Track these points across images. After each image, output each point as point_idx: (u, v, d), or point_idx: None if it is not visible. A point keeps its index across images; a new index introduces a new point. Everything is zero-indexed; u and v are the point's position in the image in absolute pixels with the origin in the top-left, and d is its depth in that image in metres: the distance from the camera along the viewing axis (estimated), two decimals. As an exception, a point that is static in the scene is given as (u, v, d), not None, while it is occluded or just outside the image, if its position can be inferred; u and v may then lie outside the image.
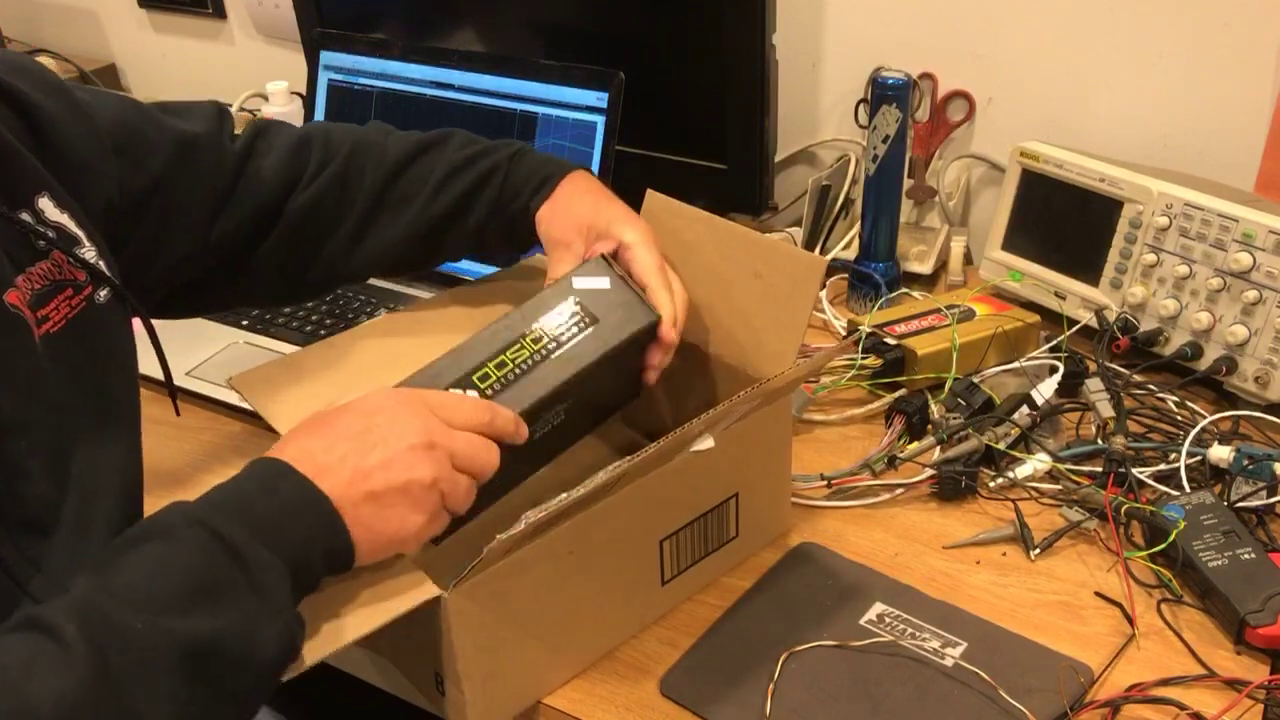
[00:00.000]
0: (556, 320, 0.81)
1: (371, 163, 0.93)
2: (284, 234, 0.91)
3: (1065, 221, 1.15)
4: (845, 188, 1.34)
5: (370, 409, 0.69)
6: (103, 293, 0.76)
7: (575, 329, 0.81)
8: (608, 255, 0.84)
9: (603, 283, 0.83)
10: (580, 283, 0.83)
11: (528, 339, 0.80)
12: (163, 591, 0.59)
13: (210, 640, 0.59)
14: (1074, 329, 1.09)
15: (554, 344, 0.80)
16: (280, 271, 0.93)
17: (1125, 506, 0.89)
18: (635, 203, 0.95)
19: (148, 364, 1.13)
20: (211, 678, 0.59)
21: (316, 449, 0.67)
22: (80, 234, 0.76)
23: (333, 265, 0.94)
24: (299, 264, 0.93)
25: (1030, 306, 1.15)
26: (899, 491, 0.96)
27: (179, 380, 1.13)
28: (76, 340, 0.74)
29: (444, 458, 0.69)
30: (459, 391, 0.76)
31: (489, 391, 0.77)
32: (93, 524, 0.72)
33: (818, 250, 1.32)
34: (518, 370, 0.78)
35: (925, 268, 1.26)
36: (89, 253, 0.76)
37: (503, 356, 0.78)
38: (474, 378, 0.77)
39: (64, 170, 0.78)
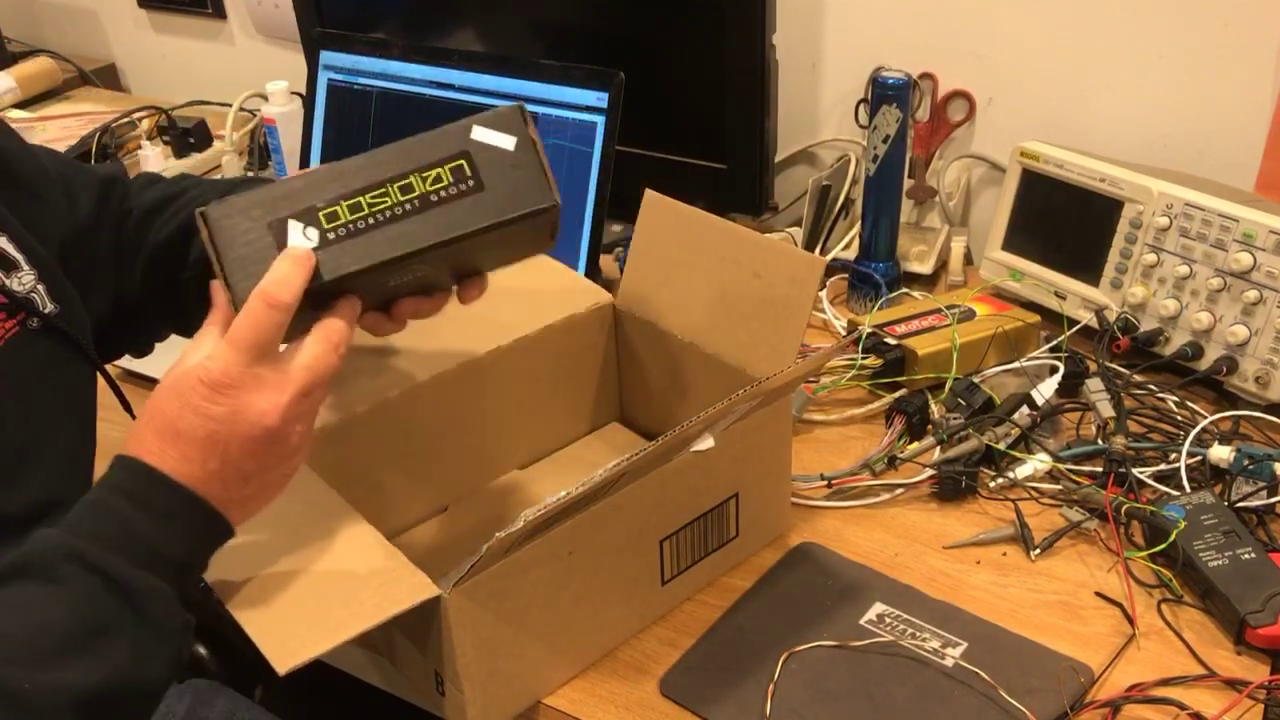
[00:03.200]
0: (435, 172, 0.69)
1: (145, 197, 0.90)
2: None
3: (1065, 221, 1.15)
4: (845, 188, 1.34)
5: (201, 406, 0.63)
6: (34, 321, 0.76)
7: (453, 190, 0.69)
8: (525, 108, 0.72)
9: (506, 142, 0.70)
10: (480, 134, 0.70)
11: (395, 186, 0.69)
12: (47, 643, 0.58)
13: (101, 687, 0.58)
14: (1074, 329, 1.09)
15: (422, 200, 0.69)
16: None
17: (1125, 506, 0.89)
18: (635, 202, 0.95)
19: (148, 367, 1.14)
20: (107, 718, 0.59)
21: (175, 459, 0.63)
22: (19, 258, 0.76)
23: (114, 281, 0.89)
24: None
25: (1030, 306, 1.15)
26: (899, 491, 0.96)
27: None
28: (15, 361, 0.74)
29: (296, 405, 0.65)
30: (259, 308, 0.65)
31: (331, 235, 0.68)
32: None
33: (818, 250, 1.32)
34: (372, 220, 0.68)
35: (925, 268, 1.26)
36: (26, 277, 0.76)
37: (361, 198, 0.68)
38: (321, 214, 0.68)
39: (10, 194, 0.78)
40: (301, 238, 0.68)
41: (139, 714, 0.63)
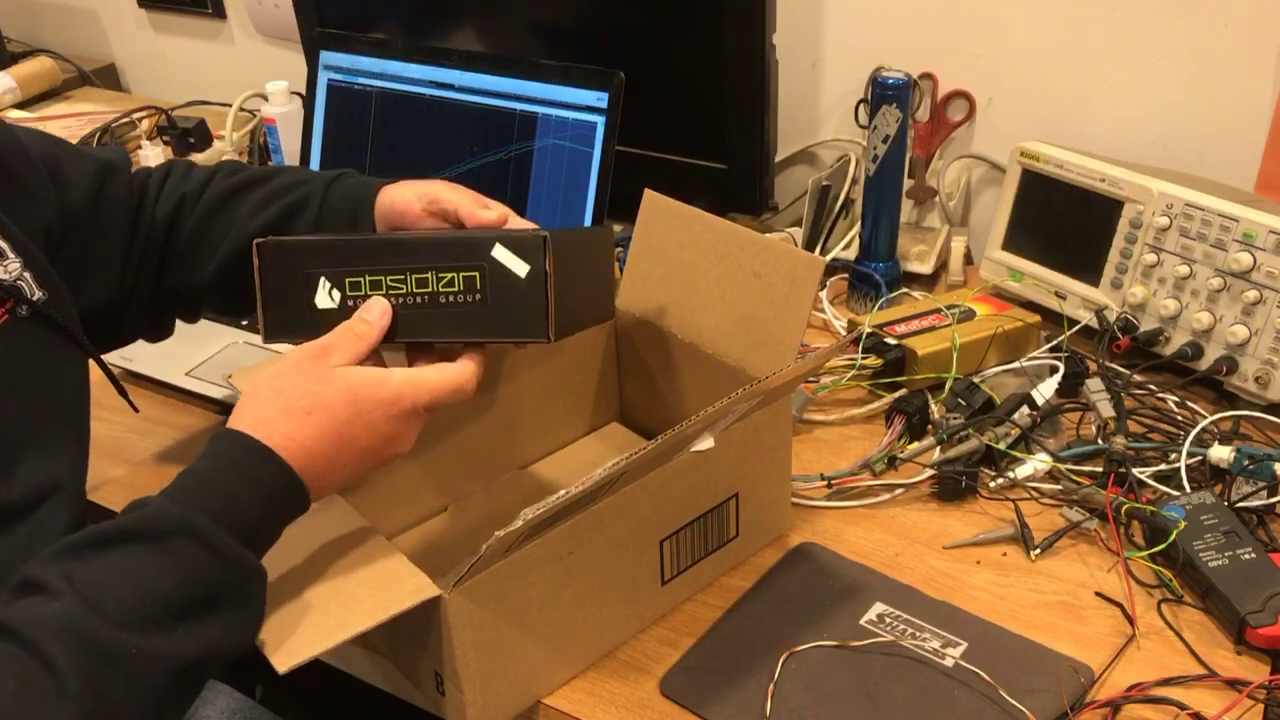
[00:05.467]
0: (450, 275, 0.73)
1: (214, 186, 0.93)
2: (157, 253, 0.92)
3: (1065, 221, 1.15)
4: (845, 188, 1.34)
5: (346, 407, 0.69)
6: (23, 309, 0.76)
7: (461, 297, 0.73)
8: (549, 237, 0.73)
9: (520, 268, 0.73)
10: (499, 253, 0.73)
11: (413, 276, 0.73)
12: (152, 609, 0.59)
13: (200, 657, 0.60)
14: (1074, 329, 1.09)
15: (431, 298, 0.73)
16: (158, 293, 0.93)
17: (1126, 506, 0.89)
18: (635, 202, 0.95)
19: (148, 367, 1.14)
20: (196, 687, 0.62)
21: (310, 445, 0.67)
22: (4, 245, 0.76)
23: (176, 283, 0.92)
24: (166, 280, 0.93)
25: (1030, 306, 1.15)
26: (899, 491, 0.96)
27: (179, 381, 1.14)
28: (7, 349, 0.74)
29: (419, 424, 0.73)
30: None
31: (350, 302, 0.75)
32: (39, 526, 0.74)
33: (818, 250, 1.32)
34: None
35: (925, 268, 1.26)
36: (12, 265, 0.76)
37: (382, 278, 0.74)
38: (346, 280, 0.75)
39: None
40: (327, 297, 0.76)
41: (218, 677, 0.66)
